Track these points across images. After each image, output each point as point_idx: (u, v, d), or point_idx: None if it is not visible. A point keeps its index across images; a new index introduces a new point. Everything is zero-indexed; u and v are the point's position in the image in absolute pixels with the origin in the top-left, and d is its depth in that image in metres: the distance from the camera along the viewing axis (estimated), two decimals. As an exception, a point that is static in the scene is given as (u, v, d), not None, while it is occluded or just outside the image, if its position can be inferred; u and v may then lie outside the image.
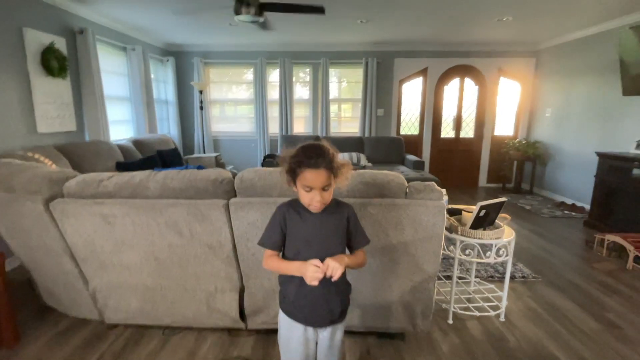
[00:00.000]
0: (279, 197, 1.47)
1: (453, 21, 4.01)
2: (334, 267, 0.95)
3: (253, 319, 1.73)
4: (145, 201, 1.48)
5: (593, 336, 1.90)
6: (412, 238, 1.45)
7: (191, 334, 1.88)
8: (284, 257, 1.09)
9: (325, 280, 0.97)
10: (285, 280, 1.09)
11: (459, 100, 5.71)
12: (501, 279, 2.52)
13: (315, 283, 0.95)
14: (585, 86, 4.43)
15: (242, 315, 1.74)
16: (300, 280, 1.00)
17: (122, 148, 3.57)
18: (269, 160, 4.72)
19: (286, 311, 1.11)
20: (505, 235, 1.93)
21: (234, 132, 5.79)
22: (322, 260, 1.00)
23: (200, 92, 5.11)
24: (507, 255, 1.93)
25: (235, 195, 1.54)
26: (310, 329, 1.09)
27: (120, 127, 4.23)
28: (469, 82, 5.63)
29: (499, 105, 5.71)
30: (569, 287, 2.45)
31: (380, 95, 5.58)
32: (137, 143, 3.87)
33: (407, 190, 1.46)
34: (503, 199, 1.98)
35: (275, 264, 1.06)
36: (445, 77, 5.59)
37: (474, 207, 2.06)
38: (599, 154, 3.71)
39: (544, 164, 5.27)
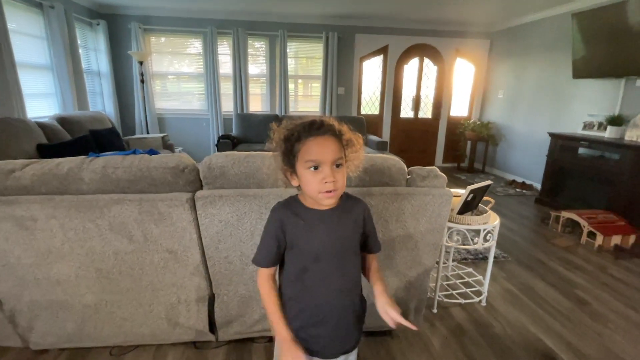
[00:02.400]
0: (259, 189, 1.20)
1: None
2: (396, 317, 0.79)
3: (225, 330, 1.47)
4: (78, 198, 1.12)
5: (568, 315, 1.93)
6: (413, 231, 1.28)
7: (148, 350, 1.58)
8: (285, 271, 0.86)
9: (344, 308, 0.82)
10: (292, 309, 0.85)
11: (418, 80, 5.69)
12: (475, 260, 2.51)
13: None
14: (537, 69, 4.60)
15: (211, 326, 1.48)
16: (311, 310, 0.81)
17: (44, 127, 2.95)
18: (225, 141, 4.30)
19: None
20: (491, 219, 1.86)
21: (181, 110, 5.20)
22: (335, 278, 0.81)
23: (141, 63, 4.46)
24: (493, 240, 1.87)
25: (201, 187, 1.24)
26: None
27: (41, 102, 3.52)
28: (427, 62, 5.60)
29: (455, 86, 5.80)
30: (536, 265, 2.51)
31: (340, 72, 5.35)
32: (63, 121, 3.24)
33: (409, 177, 1.27)
34: (488, 182, 1.90)
35: (266, 298, 0.83)
36: (405, 56, 5.49)
37: (458, 190, 1.96)
38: (551, 135, 3.88)
39: (495, 144, 5.49)
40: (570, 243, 2.88)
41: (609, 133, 3.44)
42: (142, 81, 4.56)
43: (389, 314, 0.79)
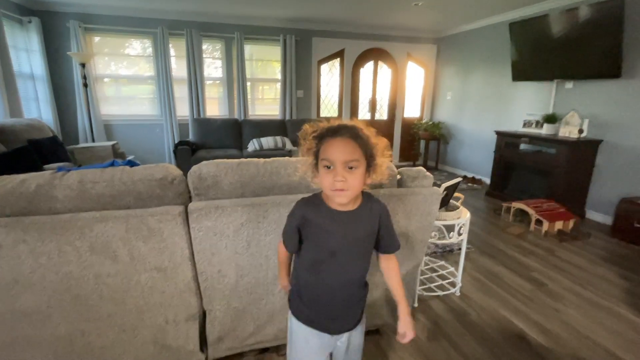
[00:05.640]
0: (257, 197, 1.16)
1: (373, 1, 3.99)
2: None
3: (216, 347, 1.40)
4: (52, 218, 0.99)
5: (530, 296, 2.12)
6: (406, 230, 1.32)
7: (127, 379, 1.45)
8: (302, 257, 0.93)
9: (350, 296, 0.93)
10: (304, 294, 0.93)
11: (374, 83, 5.89)
12: (443, 253, 2.66)
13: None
14: (480, 72, 5.00)
15: (201, 344, 1.40)
16: (321, 297, 0.92)
17: (-29, 138, 2.59)
18: (183, 147, 4.09)
19: (303, 319, 0.93)
20: (462, 214, 1.98)
21: (131, 115, 4.84)
22: (348, 271, 0.90)
23: (83, 65, 4.07)
24: (465, 233, 2.00)
25: (190, 199, 1.17)
26: (326, 336, 0.94)
27: (-37, 110, 3.08)
28: (382, 66, 5.82)
29: (407, 88, 6.09)
30: (496, 253, 2.73)
31: (299, 75, 5.36)
32: (-5, 131, 2.86)
33: (399, 177, 1.32)
34: (459, 179, 2.03)
35: (281, 259, 1.01)
36: (361, 59, 5.66)
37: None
38: (497, 132, 4.24)
39: (446, 143, 5.87)
40: (521, 231, 3.17)
41: (546, 130, 3.84)
42: (85, 85, 4.17)
43: (407, 337, 0.90)
